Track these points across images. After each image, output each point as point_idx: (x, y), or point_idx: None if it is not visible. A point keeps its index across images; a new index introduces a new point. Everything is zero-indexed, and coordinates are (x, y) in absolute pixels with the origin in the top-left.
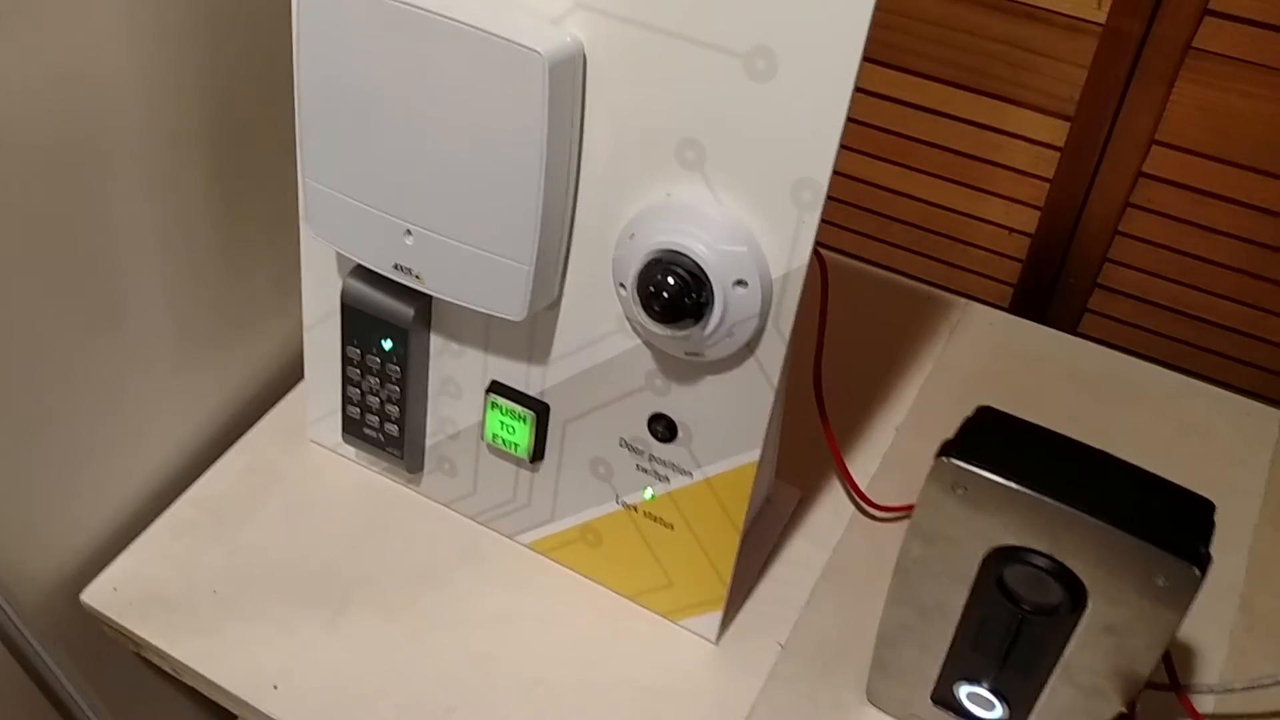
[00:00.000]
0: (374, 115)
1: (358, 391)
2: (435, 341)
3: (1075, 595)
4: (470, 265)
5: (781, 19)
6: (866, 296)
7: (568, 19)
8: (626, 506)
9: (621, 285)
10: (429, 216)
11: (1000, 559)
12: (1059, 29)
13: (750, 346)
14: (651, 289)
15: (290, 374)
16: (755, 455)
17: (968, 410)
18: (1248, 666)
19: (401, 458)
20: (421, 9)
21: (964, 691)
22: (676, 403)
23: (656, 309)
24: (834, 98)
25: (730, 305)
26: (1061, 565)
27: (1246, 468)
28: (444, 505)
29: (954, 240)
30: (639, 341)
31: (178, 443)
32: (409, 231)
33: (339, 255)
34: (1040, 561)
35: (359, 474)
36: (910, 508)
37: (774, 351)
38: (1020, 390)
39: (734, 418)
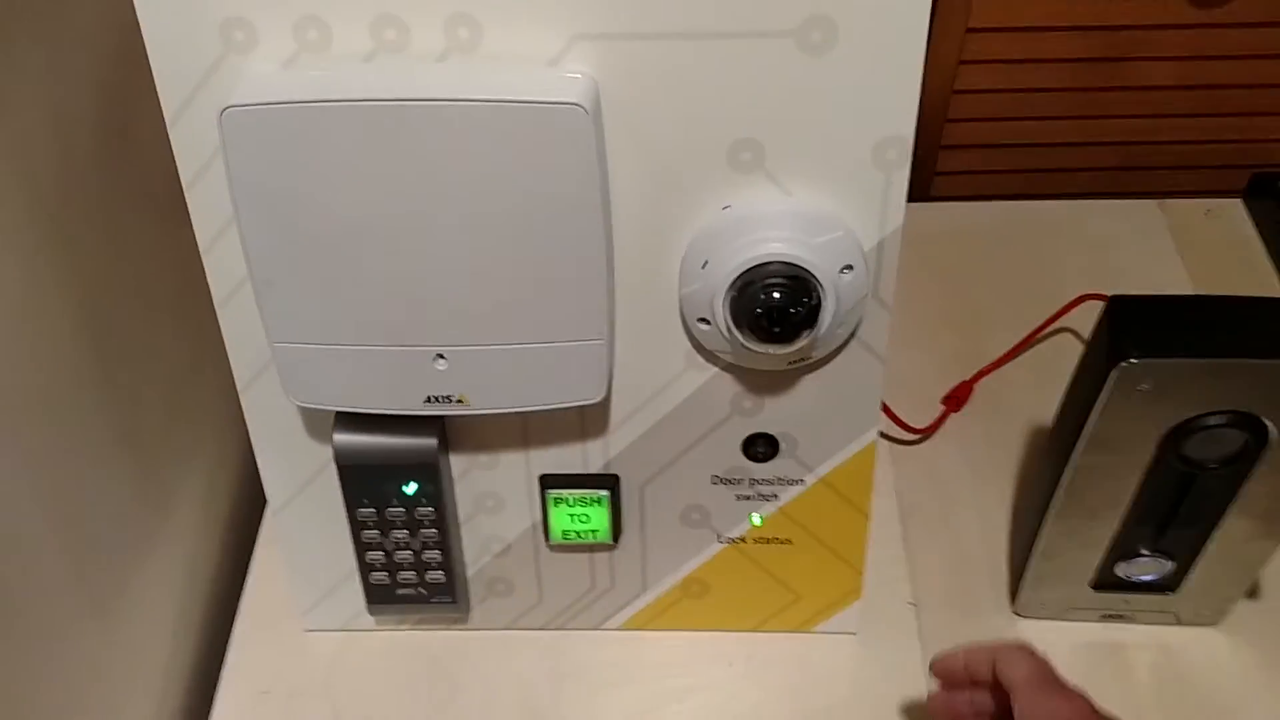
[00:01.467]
0: (362, 240)
1: (381, 554)
2: (457, 462)
3: (1258, 436)
4: (528, 364)
5: None
6: None
7: (566, 56)
8: (732, 541)
9: (702, 320)
10: (465, 331)
11: (1179, 433)
12: None
13: (854, 330)
14: (759, 310)
15: (223, 582)
16: (873, 434)
17: (921, 318)
18: None
19: (454, 602)
20: (408, 100)
21: (1126, 567)
22: (773, 417)
23: (775, 329)
24: (910, 42)
25: (842, 295)
26: (1242, 414)
27: (1162, 262)
28: (505, 630)
29: None
30: (717, 370)
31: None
32: (440, 355)
33: (305, 415)
34: (1219, 420)
35: (387, 641)
36: (941, 422)
37: (878, 325)
38: (949, 271)
39: (843, 407)
